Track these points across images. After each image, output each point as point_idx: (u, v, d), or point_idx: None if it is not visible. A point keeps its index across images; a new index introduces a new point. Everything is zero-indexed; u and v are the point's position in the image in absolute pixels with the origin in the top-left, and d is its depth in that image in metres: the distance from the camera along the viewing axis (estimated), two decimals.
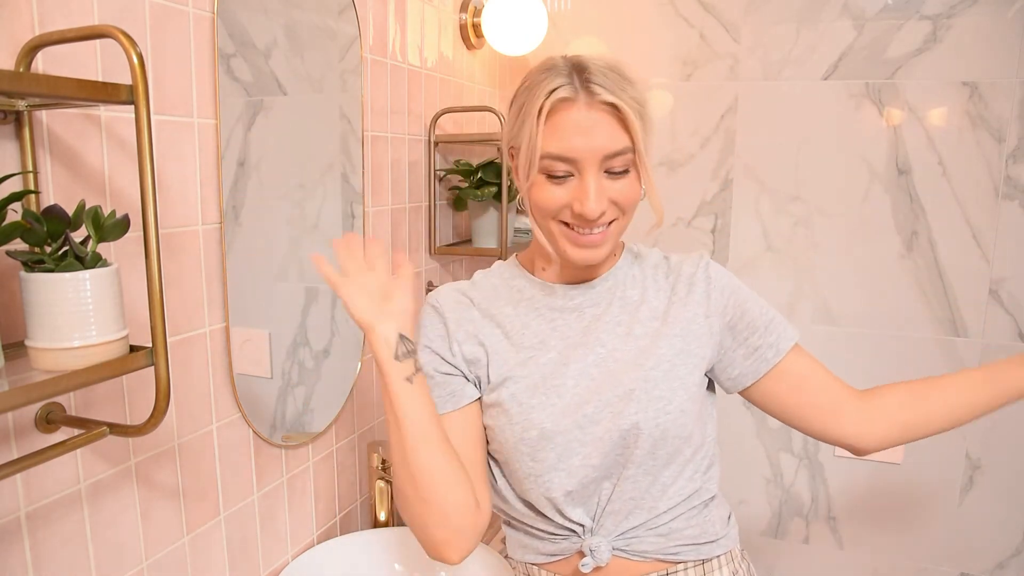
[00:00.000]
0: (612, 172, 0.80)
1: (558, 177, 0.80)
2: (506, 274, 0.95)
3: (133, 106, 0.63)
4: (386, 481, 1.32)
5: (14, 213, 0.62)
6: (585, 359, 0.87)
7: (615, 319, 0.89)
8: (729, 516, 0.98)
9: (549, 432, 0.84)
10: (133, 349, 0.68)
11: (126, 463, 0.84)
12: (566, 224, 0.82)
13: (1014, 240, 1.50)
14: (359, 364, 1.30)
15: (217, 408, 0.97)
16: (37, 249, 0.63)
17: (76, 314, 0.62)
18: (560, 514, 0.87)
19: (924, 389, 0.89)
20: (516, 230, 1.60)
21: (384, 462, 1.30)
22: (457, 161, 1.57)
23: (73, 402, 0.76)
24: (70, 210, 0.65)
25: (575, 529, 0.88)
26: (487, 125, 1.77)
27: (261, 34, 1.01)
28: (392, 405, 0.79)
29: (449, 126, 1.58)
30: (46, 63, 0.70)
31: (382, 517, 1.34)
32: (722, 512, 0.96)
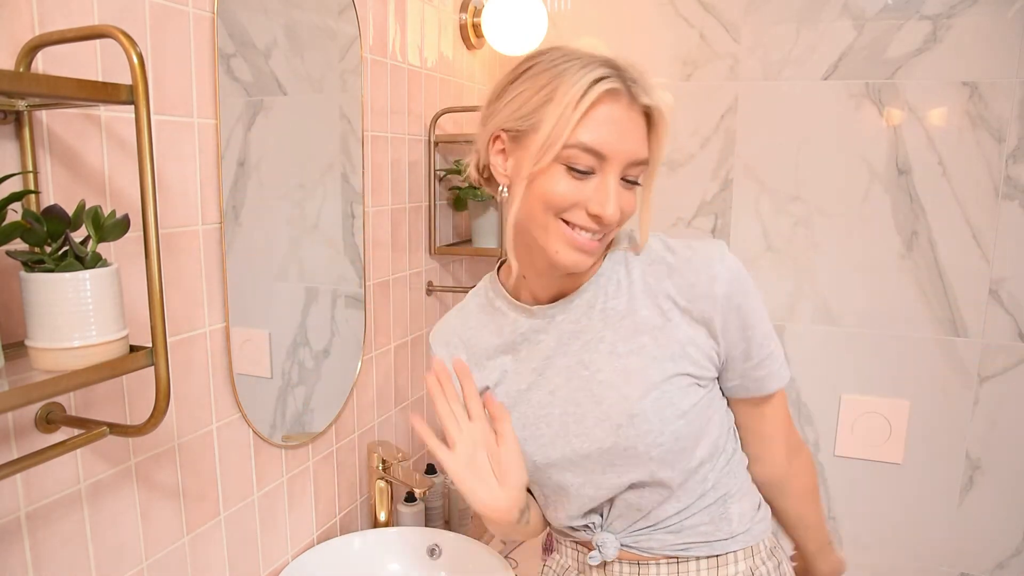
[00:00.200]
0: (627, 180, 0.76)
1: (578, 171, 0.73)
2: (491, 293, 0.91)
3: (133, 106, 0.63)
4: (386, 481, 1.32)
5: (14, 213, 0.62)
6: (569, 384, 0.83)
7: (597, 335, 0.82)
8: (759, 506, 0.90)
9: (541, 465, 0.85)
10: (133, 349, 0.68)
11: (126, 463, 0.84)
12: (566, 223, 0.75)
13: (1014, 240, 1.50)
14: (359, 364, 1.30)
15: (217, 408, 0.97)
16: (37, 249, 0.63)
17: (76, 314, 0.62)
18: (569, 520, 0.89)
19: (784, 511, 0.96)
20: None
21: (384, 462, 1.30)
22: (457, 161, 1.57)
23: (73, 402, 0.76)
24: (70, 210, 0.65)
25: (588, 525, 0.89)
26: None
27: (261, 34, 1.01)
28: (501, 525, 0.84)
29: (449, 126, 1.58)
30: (46, 63, 0.70)
31: (382, 517, 1.34)
32: (744, 506, 0.87)
